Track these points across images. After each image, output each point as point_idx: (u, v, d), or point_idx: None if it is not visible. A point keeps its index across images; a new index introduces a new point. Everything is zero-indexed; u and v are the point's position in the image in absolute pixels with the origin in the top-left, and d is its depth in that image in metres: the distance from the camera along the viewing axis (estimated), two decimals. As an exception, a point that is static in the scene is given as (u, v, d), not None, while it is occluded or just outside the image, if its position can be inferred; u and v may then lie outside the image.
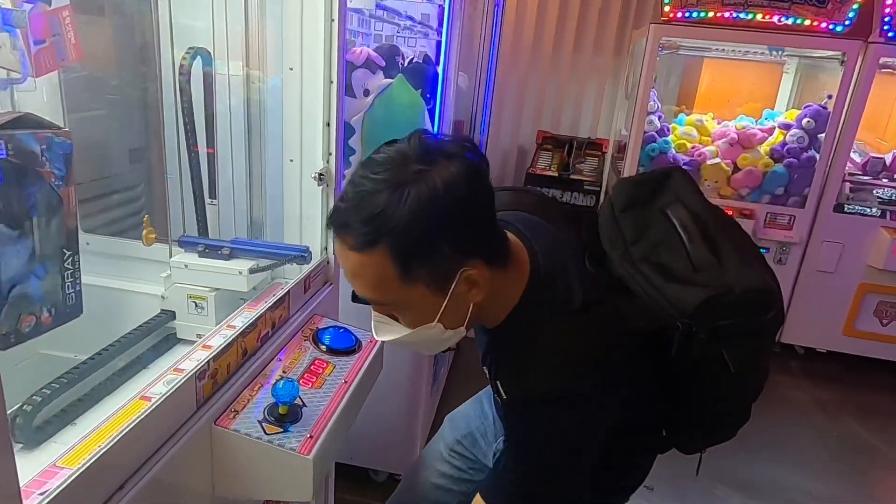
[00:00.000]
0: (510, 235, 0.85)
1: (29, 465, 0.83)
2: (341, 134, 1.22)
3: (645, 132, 3.08)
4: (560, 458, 0.83)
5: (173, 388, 0.78)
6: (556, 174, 3.54)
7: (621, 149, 3.39)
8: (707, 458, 1.07)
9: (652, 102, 3.10)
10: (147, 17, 1.21)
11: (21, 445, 0.88)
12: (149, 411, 0.74)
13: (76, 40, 1.10)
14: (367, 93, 1.79)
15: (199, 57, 1.18)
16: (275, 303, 1.05)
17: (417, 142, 0.75)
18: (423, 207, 0.71)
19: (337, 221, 0.75)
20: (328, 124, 1.17)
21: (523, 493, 0.84)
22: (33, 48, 1.06)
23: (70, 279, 1.05)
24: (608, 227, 0.89)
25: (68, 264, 1.04)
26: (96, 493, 0.68)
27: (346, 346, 1.10)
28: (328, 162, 1.20)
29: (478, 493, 0.87)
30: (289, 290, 1.10)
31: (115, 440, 0.69)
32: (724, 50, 3.22)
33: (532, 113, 4.00)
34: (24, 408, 0.88)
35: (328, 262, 1.28)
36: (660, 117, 3.26)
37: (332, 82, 1.15)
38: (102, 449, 0.67)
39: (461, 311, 0.80)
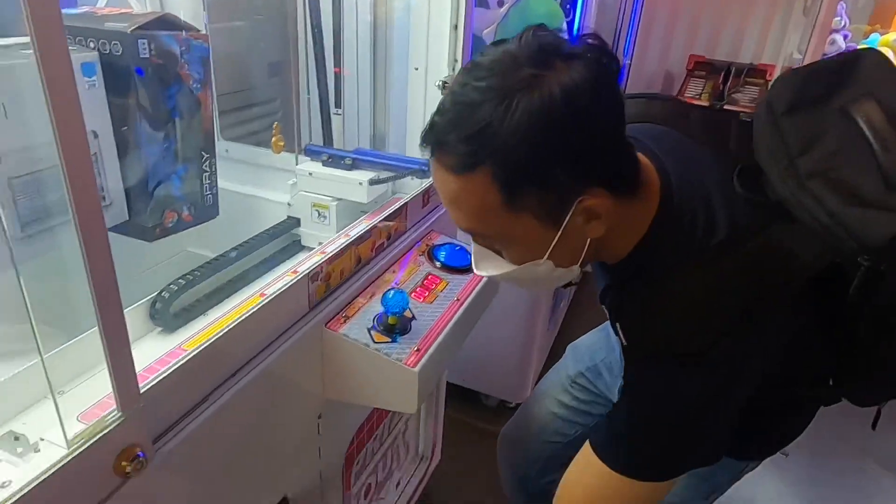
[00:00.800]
0: (639, 156, 0.71)
1: (164, 347, 0.90)
2: (469, 39, 1.13)
3: (824, 54, 2.63)
4: (685, 422, 0.71)
5: (287, 286, 0.79)
6: (707, 103, 3.17)
7: (791, 75, 2.93)
8: (862, 426, 0.90)
9: (838, 18, 2.62)
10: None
11: (160, 329, 0.96)
12: (263, 304, 0.75)
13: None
14: (501, 3, 1.67)
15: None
16: (391, 214, 1.03)
17: (531, 40, 0.61)
18: (534, 122, 0.58)
19: (433, 139, 0.64)
20: (455, 27, 1.09)
21: (637, 449, 0.73)
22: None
23: (207, 181, 1.10)
24: (766, 135, 0.70)
25: (206, 166, 1.09)
26: (213, 374, 0.71)
27: (461, 264, 1.06)
28: (453, 69, 1.12)
29: (586, 442, 0.78)
30: (406, 203, 1.07)
31: (232, 327, 0.71)
32: (944, -50, 2.61)
33: (685, 34, 3.57)
34: (162, 294, 0.95)
35: (449, 179, 1.23)
36: (846, 37, 2.76)
37: (461, -19, 1.06)
38: (220, 334, 0.70)
39: (576, 248, 0.69)
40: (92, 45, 0.91)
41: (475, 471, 1.86)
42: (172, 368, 0.63)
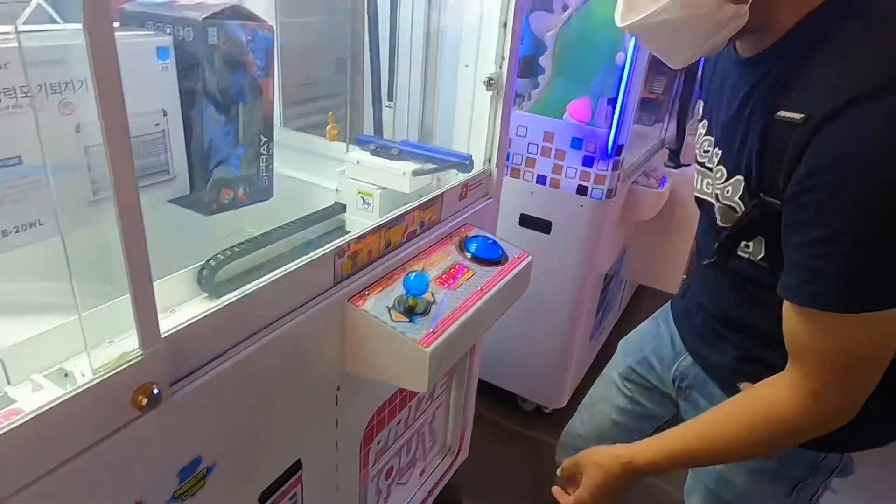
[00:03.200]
0: None
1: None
2: (518, 40, 1.15)
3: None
4: None
5: (315, 257, 0.83)
6: None
7: None
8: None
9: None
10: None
11: (206, 295, 1.03)
12: (289, 271, 0.80)
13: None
14: (565, 7, 1.68)
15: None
16: (426, 202, 1.06)
17: None
18: None
19: None
20: (504, 25, 1.11)
21: (842, 272, 0.56)
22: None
23: (264, 164, 1.17)
24: None
25: (264, 150, 1.16)
26: (234, 331, 0.75)
27: (490, 256, 1.07)
28: (500, 67, 1.14)
29: (784, 301, 0.63)
30: (443, 193, 1.10)
31: (257, 287, 0.76)
32: None
33: None
34: (210, 262, 1.03)
35: (490, 175, 1.25)
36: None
37: (513, -21, 1.08)
38: (245, 292, 0.75)
39: None
40: (168, 31, 0.99)
41: (504, 472, 1.86)
42: (195, 319, 0.68)
